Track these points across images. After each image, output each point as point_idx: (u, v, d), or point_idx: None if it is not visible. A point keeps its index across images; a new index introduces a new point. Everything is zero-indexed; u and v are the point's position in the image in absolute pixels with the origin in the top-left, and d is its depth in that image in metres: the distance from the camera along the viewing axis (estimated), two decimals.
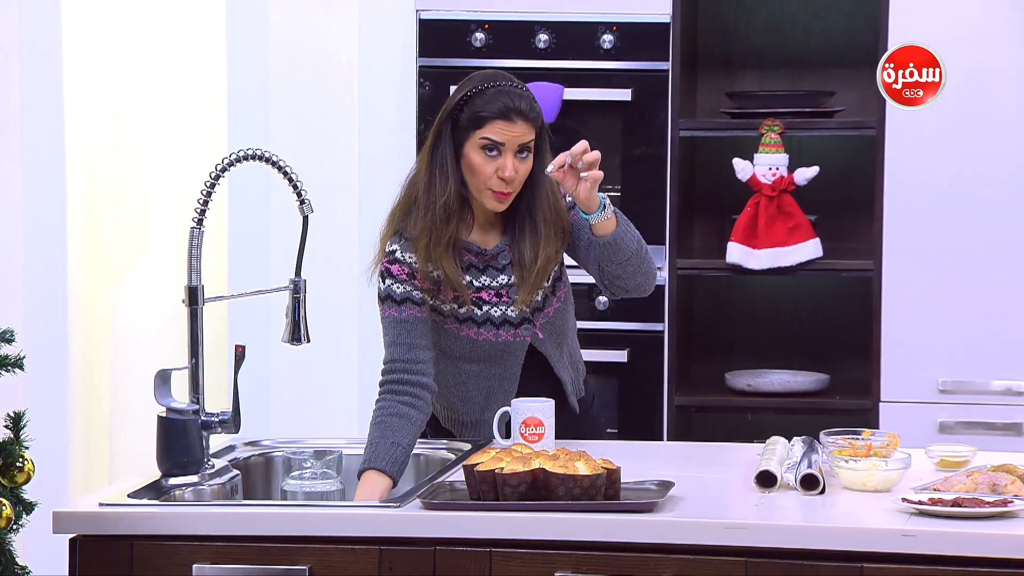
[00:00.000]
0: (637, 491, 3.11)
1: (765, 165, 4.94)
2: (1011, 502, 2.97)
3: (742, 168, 4.95)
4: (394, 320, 3.51)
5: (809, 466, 3.19)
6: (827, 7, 5.23)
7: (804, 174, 4.93)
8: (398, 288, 3.51)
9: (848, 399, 4.98)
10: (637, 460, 3.36)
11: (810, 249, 4.96)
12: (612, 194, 5.07)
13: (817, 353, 5.26)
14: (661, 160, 5.00)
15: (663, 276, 5.02)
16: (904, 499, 3.02)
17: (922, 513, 2.97)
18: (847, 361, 5.20)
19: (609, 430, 5.05)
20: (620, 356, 5.04)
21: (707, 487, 3.24)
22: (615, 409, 5.08)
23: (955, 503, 2.97)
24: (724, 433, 5.26)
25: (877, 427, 4.77)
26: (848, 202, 5.16)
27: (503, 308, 3.58)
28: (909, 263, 4.80)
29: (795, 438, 3.41)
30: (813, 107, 5.01)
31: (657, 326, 5.04)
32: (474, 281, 3.57)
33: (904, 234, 4.80)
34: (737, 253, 4.96)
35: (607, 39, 5.00)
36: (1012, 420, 4.76)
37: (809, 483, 3.16)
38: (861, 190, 5.02)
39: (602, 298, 5.04)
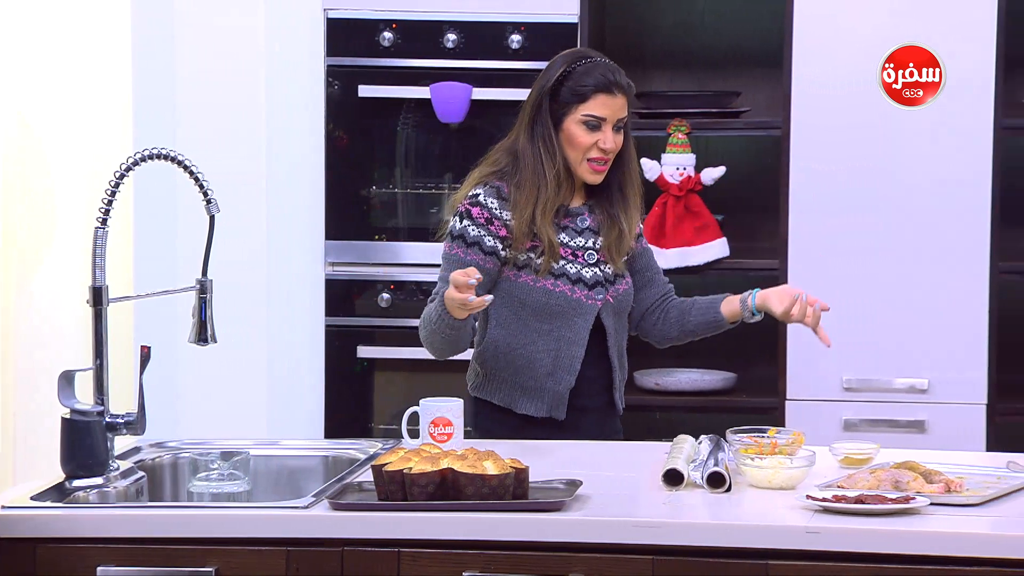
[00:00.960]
0: (545, 490, 3.11)
1: (672, 165, 4.97)
2: (913, 499, 3.01)
3: (650, 168, 4.98)
4: (458, 260, 3.65)
5: (716, 464, 3.21)
6: (734, 8, 5.26)
7: (711, 174, 4.97)
8: (473, 230, 3.66)
9: (755, 397, 5.02)
10: (546, 459, 3.37)
11: (717, 248, 4.99)
12: None
13: (725, 352, 5.29)
14: None
15: None
16: (809, 496, 3.05)
17: (826, 510, 3.00)
18: (754, 360, 5.23)
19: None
20: None
21: (616, 486, 3.25)
22: None
23: (858, 500, 3.00)
24: (633, 432, 5.26)
25: (783, 425, 4.81)
26: (754, 202, 5.19)
27: (578, 268, 3.71)
28: (814, 262, 4.84)
29: (702, 436, 3.43)
30: (720, 107, 5.04)
31: None
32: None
33: (809, 233, 4.85)
34: None
35: (515, 39, 5.01)
36: (915, 417, 4.81)
37: (715, 481, 3.18)
38: (767, 190, 5.06)
39: None
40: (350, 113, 5.09)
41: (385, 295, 5.10)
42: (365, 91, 5.05)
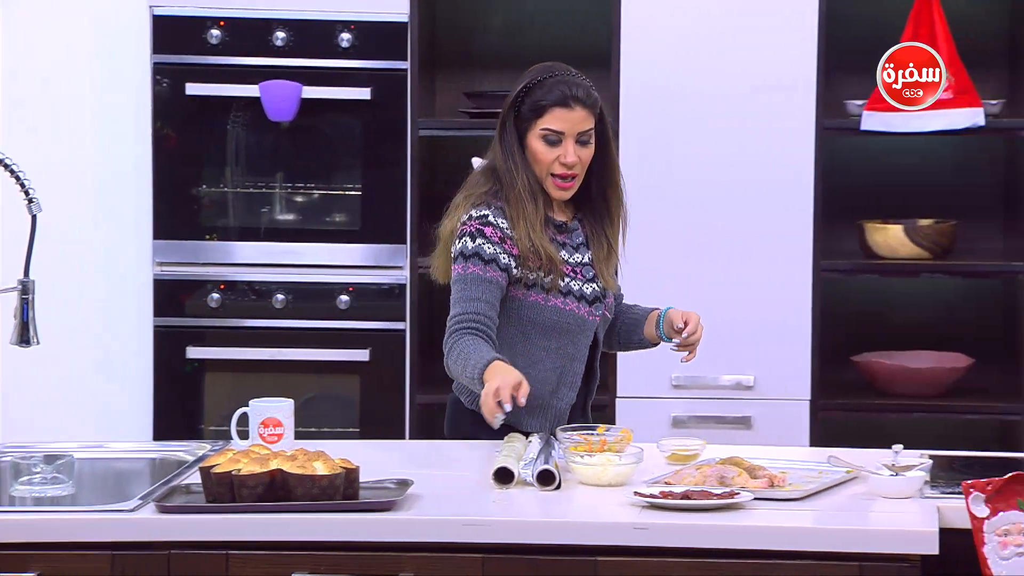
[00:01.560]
0: (376, 490, 3.11)
1: None
2: (738, 494, 3.05)
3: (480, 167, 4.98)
4: (479, 278, 3.58)
5: (545, 462, 3.23)
6: (563, 9, 5.30)
7: None
8: (489, 248, 3.59)
9: (598, 395, 5.04)
10: (379, 459, 3.36)
11: None
12: (352, 193, 5.08)
13: None
14: (401, 159, 5.01)
15: (404, 275, 5.03)
16: (636, 493, 3.08)
17: (653, 506, 3.03)
18: None
19: (350, 429, 5.05)
20: (362, 355, 5.04)
21: (447, 485, 3.25)
22: (356, 408, 5.08)
23: (684, 496, 3.04)
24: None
25: (614, 423, 4.85)
26: None
27: (579, 284, 3.68)
28: (648, 260, 4.88)
29: (532, 435, 3.45)
30: None
31: (399, 325, 5.05)
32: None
33: (641, 230, 4.88)
34: None
35: (345, 37, 4.99)
36: (741, 414, 4.89)
37: (545, 479, 3.20)
38: None
39: (344, 296, 5.03)
40: (179, 111, 5.03)
41: (215, 295, 5.05)
42: (193, 89, 4.99)
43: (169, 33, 4.99)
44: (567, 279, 3.65)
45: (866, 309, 5.21)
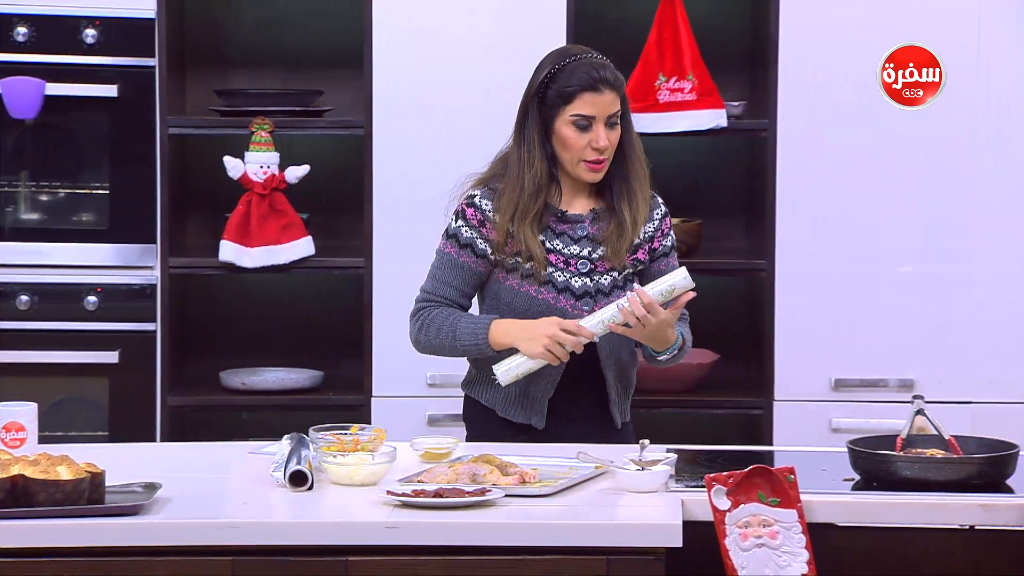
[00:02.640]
0: (122, 494, 3.05)
1: (256, 163, 4.94)
2: (489, 491, 3.08)
3: (233, 166, 4.94)
4: (451, 260, 3.68)
5: (298, 463, 3.22)
6: (315, 8, 5.27)
7: (295, 172, 4.97)
8: (466, 232, 3.66)
9: (342, 395, 5.04)
10: (127, 463, 3.30)
11: (302, 247, 4.99)
12: (99, 192, 4.98)
13: (312, 350, 5.30)
14: (150, 158, 4.94)
15: (155, 275, 4.96)
16: (389, 492, 3.08)
17: (406, 505, 3.04)
18: (341, 358, 5.26)
19: (100, 433, 4.96)
20: (111, 357, 4.95)
21: (197, 487, 3.22)
22: (105, 411, 4.99)
23: (437, 494, 3.06)
24: (220, 432, 5.24)
25: (369, 422, 4.85)
26: (339, 200, 5.22)
27: (567, 276, 3.64)
28: (398, 259, 4.89)
29: (285, 435, 3.43)
30: (303, 106, 5.05)
31: (149, 326, 4.97)
32: (547, 243, 3.65)
33: (392, 230, 4.90)
34: (230, 251, 4.95)
35: (90, 33, 4.90)
36: None
37: (297, 479, 3.19)
38: (351, 189, 5.09)
39: (91, 297, 4.94)
40: None
41: None
42: None
43: None
44: (551, 269, 3.65)
45: None
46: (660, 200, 3.79)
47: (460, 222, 3.69)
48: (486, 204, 3.67)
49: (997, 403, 4.81)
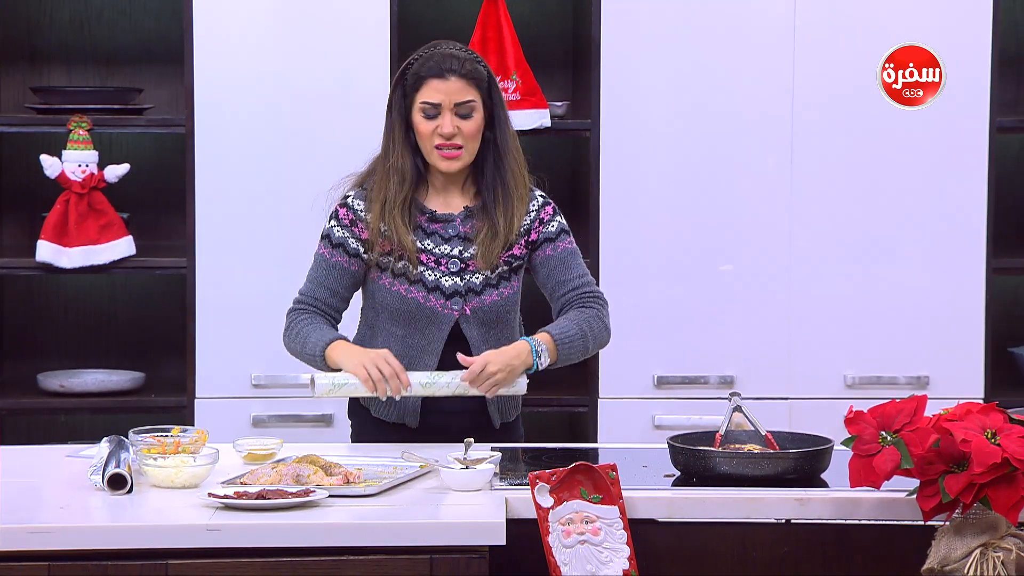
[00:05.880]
0: None
1: (74, 162, 4.86)
2: (313, 492, 3.07)
3: (50, 165, 4.85)
4: (324, 261, 3.68)
5: (117, 465, 3.17)
6: (133, 4, 5.20)
7: (115, 171, 4.89)
8: (338, 232, 3.66)
9: (164, 396, 4.98)
10: None
11: (123, 247, 4.92)
12: None
13: (133, 352, 5.23)
14: None
15: None
16: (211, 494, 3.05)
17: (228, 507, 3.02)
18: (163, 358, 5.20)
19: None
20: None
21: (12, 492, 3.15)
22: None
23: (260, 495, 3.04)
24: (37, 436, 5.15)
25: (193, 424, 4.80)
26: (160, 200, 5.16)
27: (437, 276, 3.61)
28: (220, 260, 4.84)
29: (104, 438, 3.38)
30: (122, 104, 4.97)
31: None
32: (418, 242, 3.64)
33: (214, 230, 4.85)
34: (48, 251, 4.86)
35: None
36: (323, 412, 4.90)
37: (116, 483, 3.14)
38: (173, 188, 5.03)
39: None
40: None
41: None
42: None
43: None
44: (422, 268, 3.63)
45: None
46: (539, 192, 3.78)
47: (333, 222, 3.69)
48: (358, 204, 3.67)
49: (813, 399, 4.91)
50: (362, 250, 3.67)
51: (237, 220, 4.83)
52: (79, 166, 4.86)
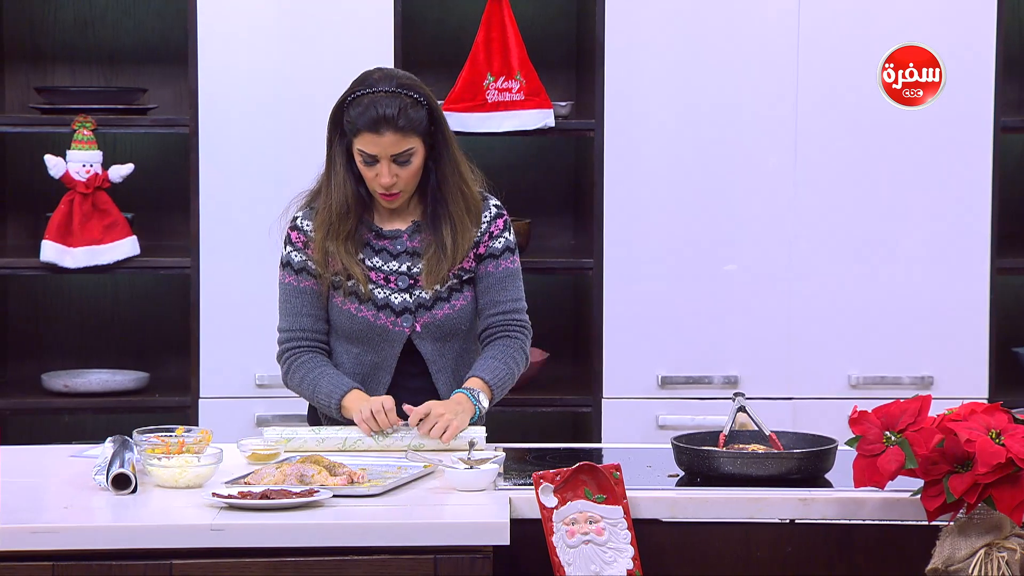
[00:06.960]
0: None
1: (79, 162, 4.86)
2: (317, 492, 3.07)
3: (55, 165, 4.86)
4: (293, 289, 3.65)
5: (121, 465, 3.17)
6: (137, 4, 5.20)
7: (119, 171, 4.89)
8: (296, 256, 3.65)
9: (168, 396, 4.98)
10: None
11: (127, 247, 4.92)
12: None
13: (137, 351, 5.23)
14: None
15: None
16: (215, 494, 3.06)
17: (232, 507, 3.02)
18: (167, 358, 5.20)
19: None
20: None
21: (17, 492, 3.16)
22: None
23: (263, 495, 3.04)
24: (41, 436, 5.15)
25: (197, 424, 4.80)
26: (164, 200, 5.16)
27: (387, 293, 3.60)
28: (225, 261, 4.84)
29: (108, 438, 3.38)
30: (126, 104, 4.97)
31: None
32: (366, 260, 3.63)
33: (218, 230, 4.84)
34: (52, 252, 4.86)
35: None
36: None
37: (120, 483, 3.14)
38: (177, 188, 5.03)
39: None
40: None
41: None
42: None
43: None
44: (371, 286, 3.62)
45: None
46: (494, 202, 3.75)
47: (288, 248, 3.68)
48: (307, 225, 3.66)
49: (817, 399, 4.91)
50: (321, 270, 3.66)
51: (241, 220, 4.83)
52: (83, 166, 4.86)
